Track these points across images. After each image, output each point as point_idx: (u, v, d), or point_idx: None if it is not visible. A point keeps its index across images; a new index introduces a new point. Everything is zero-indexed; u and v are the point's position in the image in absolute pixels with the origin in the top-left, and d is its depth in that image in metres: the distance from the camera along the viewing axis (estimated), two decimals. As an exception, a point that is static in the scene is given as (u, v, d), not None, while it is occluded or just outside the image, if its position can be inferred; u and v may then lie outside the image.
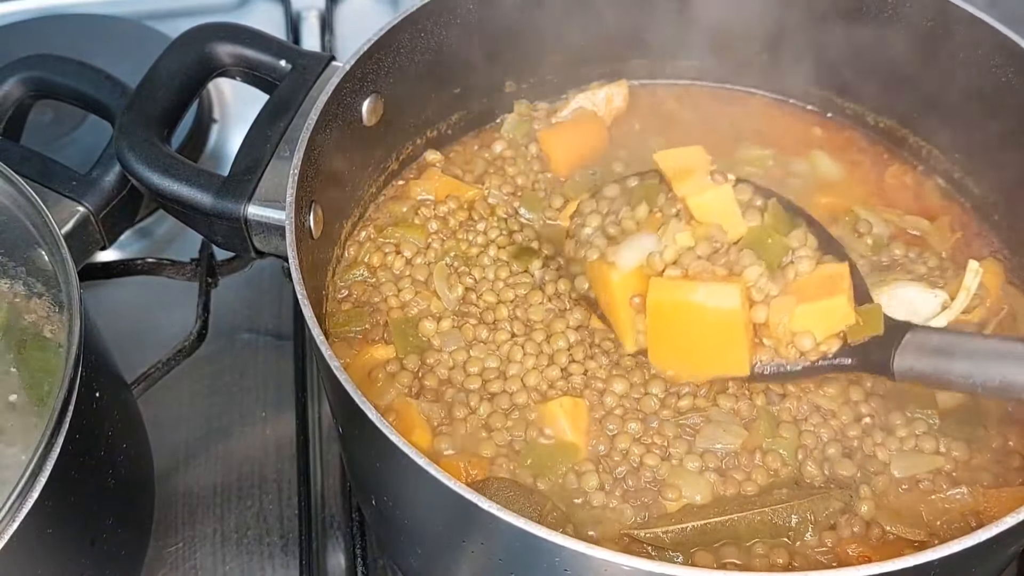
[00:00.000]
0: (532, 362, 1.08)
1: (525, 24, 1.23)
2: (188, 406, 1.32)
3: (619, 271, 1.05)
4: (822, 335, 1.02)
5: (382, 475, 0.98)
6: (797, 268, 1.03)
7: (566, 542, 0.81)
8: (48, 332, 0.96)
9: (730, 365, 1.04)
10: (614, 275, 1.05)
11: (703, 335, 1.03)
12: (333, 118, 1.09)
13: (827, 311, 1.02)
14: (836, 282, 1.03)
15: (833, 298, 1.02)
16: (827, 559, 0.97)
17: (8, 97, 1.20)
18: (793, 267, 1.03)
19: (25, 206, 1.01)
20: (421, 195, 1.22)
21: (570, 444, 1.03)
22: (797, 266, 1.03)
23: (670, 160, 1.09)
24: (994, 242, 1.20)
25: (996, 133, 1.16)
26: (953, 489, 1.01)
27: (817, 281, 1.03)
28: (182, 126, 1.21)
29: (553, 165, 1.25)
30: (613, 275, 1.05)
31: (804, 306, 1.02)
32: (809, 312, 1.02)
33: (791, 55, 1.26)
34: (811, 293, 1.02)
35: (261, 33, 1.19)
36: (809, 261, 1.04)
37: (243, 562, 1.21)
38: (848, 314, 1.02)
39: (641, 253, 1.05)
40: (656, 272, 1.04)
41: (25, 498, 0.87)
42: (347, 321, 1.12)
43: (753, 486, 1.01)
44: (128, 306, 1.36)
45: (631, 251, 1.05)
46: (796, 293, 1.02)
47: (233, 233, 1.09)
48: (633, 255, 1.05)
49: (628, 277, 1.04)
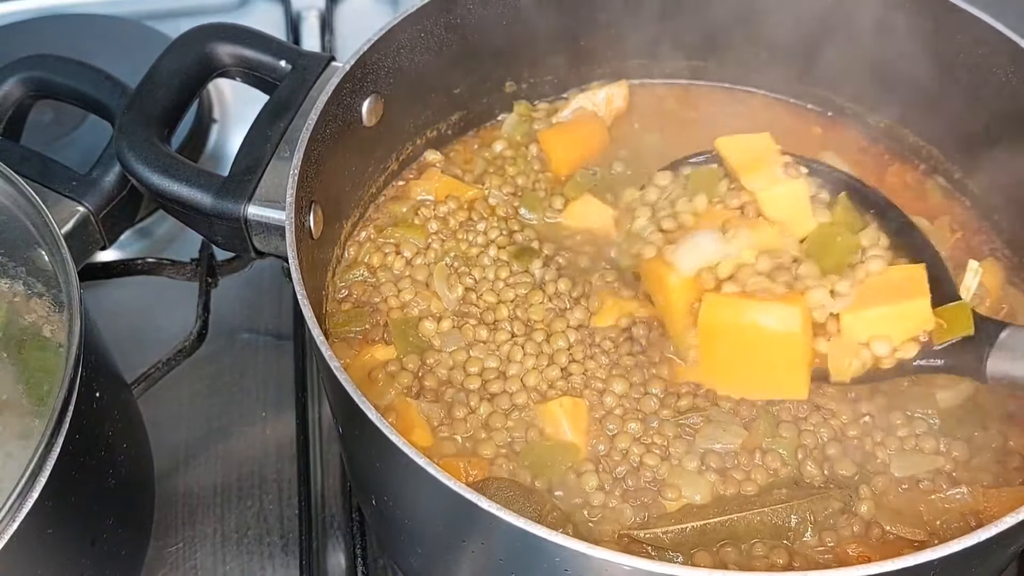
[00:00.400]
0: (532, 362, 1.08)
1: (525, 24, 1.23)
2: (188, 406, 1.32)
3: (679, 274, 0.98)
4: (899, 340, 0.97)
5: (382, 475, 0.98)
6: (868, 268, 0.99)
7: (566, 542, 0.81)
8: (48, 332, 0.96)
9: (787, 388, 1.00)
10: (673, 278, 0.98)
11: (759, 358, 0.98)
12: (333, 118, 1.09)
13: (903, 315, 0.97)
14: (913, 284, 0.98)
15: (911, 301, 0.97)
16: (827, 559, 0.97)
17: (8, 97, 1.20)
18: (864, 267, 0.99)
19: (25, 206, 1.01)
20: (421, 195, 1.22)
21: (570, 444, 1.03)
22: (868, 266, 0.99)
23: (735, 148, 1.03)
24: (994, 242, 1.20)
25: (996, 133, 1.16)
26: (953, 489, 1.01)
27: (891, 282, 0.99)
28: (182, 126, 1.20)
29: (553, 165, 1.25)
30: (672, 279, 0.98)
31: (878, 309, 0.97)
32: (883, 316, 0.97)
33: (791, 54, 1.26)
34: (885, 295, 0.97)
35: (261, 33, 1.19)
36: (880, 261, 0.99)
37: (243, 562, 1.21)
38: (927, 318, 0.97)
39: (702, 256, 0.98)
40: (711, 287, 0.97)
41: (25, 498, 0.87)
42: (347, 321, 1.12)
43: (753, 486, 1.01)
44: (128, 306, 1.36)
45: (691, 253, 0.99)
46: (869, 295, 0.97)
47: (233, 233, 1.09)
48: (694, 258, 0.98)
49: (689, 281, 0.98)
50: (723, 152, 1.03)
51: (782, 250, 0.99)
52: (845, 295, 0.98)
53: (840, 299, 0.98)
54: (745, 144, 1.03)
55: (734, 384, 1.01)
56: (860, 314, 0.98)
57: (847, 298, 0.98)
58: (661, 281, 0.99)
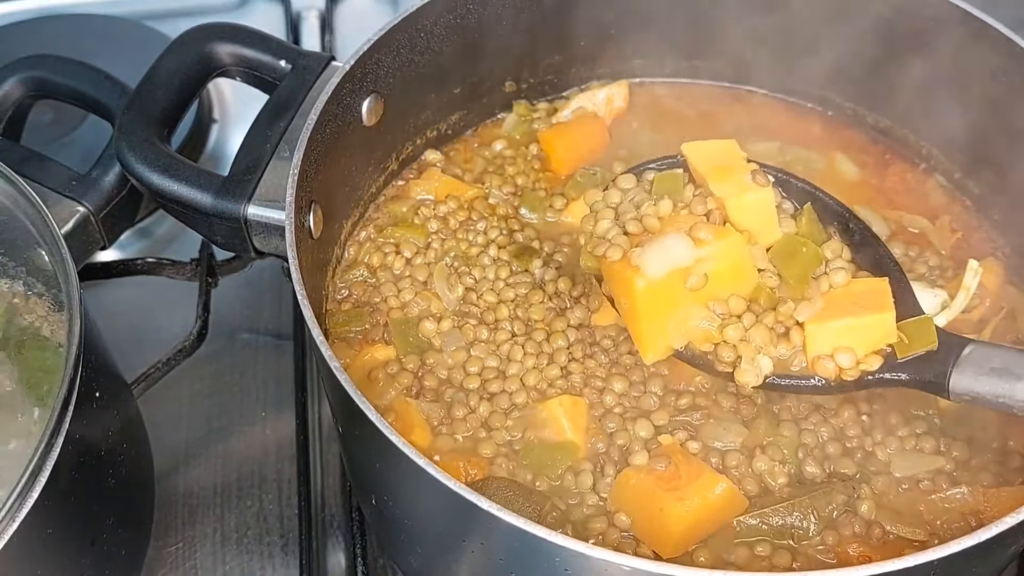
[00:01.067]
0: (532, 362, 1.08)
1: (525, 24, 1.23)
2: (188, 406, 1.32)
3: (645, 278, 0.96)
4: (862, 352, 0.97)
5: (382, 475, 0.98)
6: (832, 280, 0.98)
7: (566, 542, 0.81)
8: (48, 332, 0.96)
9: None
10: (639, 282, 0.96)
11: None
12: (333, 118, 1.09)
13: (867, 328, 0.96)
14: (877, 296, 0.97)
15: (875, 314, 0.96)
16: (827, 559, 0.97)
17: (8, 97, 1.20)
18: (827, 278, 0.99)
19: (25, 206, 1.01)
20: (421, 195, 1.22)
21: (569, 443, 1.03)
22: (832, 278, 0.98)
23: (701, 153, 1.02)
24: (994, 241, 1.20)
25: (996, 132, 1.16)
26: (953, 489, 1.00)
27: (855, 295, 0.98)
28: (182, 126, 1.20)
29: (553, 165, 1.25)
30: (638, 282, 0.96)
31: (843, 321, 0.96)
32: (848, 328, 0.96)
33: (791, 53, 1.26)
34: (849, 308, 0.97)
35: (261, 33, 1.19)
36: (844, 273, 0.99)
37: (243, 562, 1.21)
38: (891, 331, 0.96)
39: (670, 259, 0.96)
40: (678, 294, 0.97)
41: (25, 498, 0.87)
42: (347, 321, 1.12)
43: (754, 485, 1.01)
44: (128, 306, 1.36)
45: (659, 256, 0.96)
46: (833, 307, 0.97)
47: (233, 233, 1.09)
48: (661, 261, 0.96)
49: (655, 285, 0.96)
50: (690, 158, 1.02)
51: (748, 260, 0.99)
52: (812, 304, 0.98)
53: (806, 308, 0.98)
54: (712, 150, 1.03)
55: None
56: (825, 325, 0.97)
57: (813, 307, 0.98)
58: (626, 284, 0.98)
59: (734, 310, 0.99)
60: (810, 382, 0.99)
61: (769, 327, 0.99)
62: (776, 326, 0.99)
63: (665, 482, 0.97)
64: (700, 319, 0.99)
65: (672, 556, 0.96)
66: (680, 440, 1.02)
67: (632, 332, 1.02)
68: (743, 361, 0.99)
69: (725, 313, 0.99)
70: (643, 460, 1.00)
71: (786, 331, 0.99)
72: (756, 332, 0.98)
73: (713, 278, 0.97)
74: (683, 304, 0.98)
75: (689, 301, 0.98)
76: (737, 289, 0.99)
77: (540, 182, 1.24)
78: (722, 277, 0.98)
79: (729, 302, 0.98)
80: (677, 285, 0.97)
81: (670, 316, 0.99)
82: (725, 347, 0.99)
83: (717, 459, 1.02)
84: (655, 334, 0.99)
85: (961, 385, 0.94)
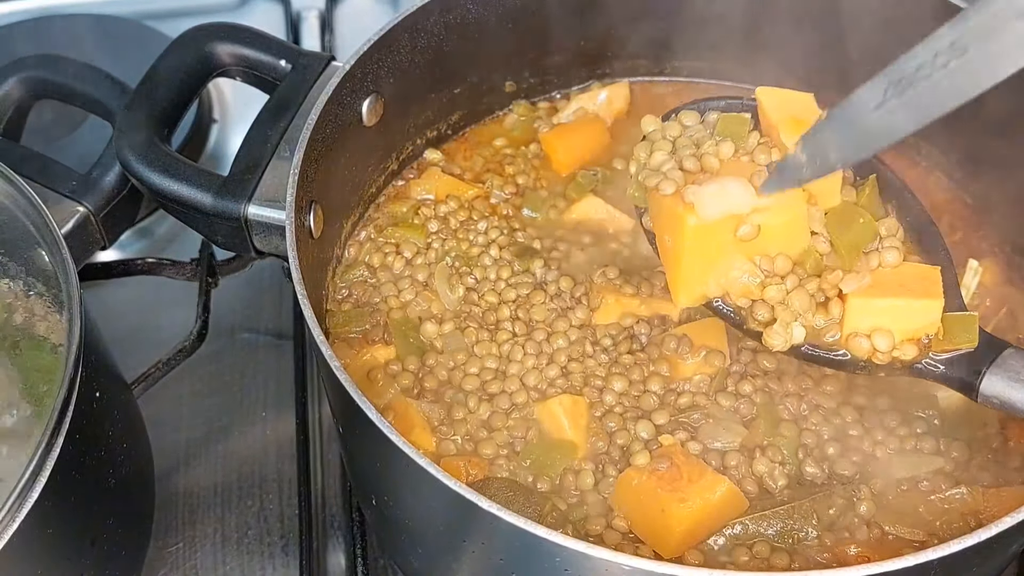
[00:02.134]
0: (532, 362, 1.08)
1: (525, 24, 1.23)
2: (188, 406, 1.32)
3: (697, 217, 0.92)
4: (901, 337, 0.94)
5: (382, 475, 0.98)
6: (883, 258, 0.96)
7: (567, 542, 0.81)
8: (48, 332, 0.96)
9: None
10: (691, 219, 0.92)
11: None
12: (333, 118, 1.09)
13: (912, 312, 0.94)
14: (927, 283, 0.95)
15: (923, 300, 0.93)
16: (826, 559, 0.97)
17: (8, 97, 1.20)
18: (878, 255, 0.96)
19: (25, 206, 1.01)
20: (421, 195, 1.22)
21: (569, 442, 1.03)
22: (884, 256, 0.96)
23: (776, 100, 0.97)
24: (994, 241, 1.20)
25: (997, 132, 1.15)
26: (953, 489, 1.00)
27: (904, 277, 0.95)
28: (182, 126, 1.21)
29: (554, 165, 1.25)
30: (689, 219, 0.92)
31: (889, 301, 0.94)
32: (892, 308, 0.94)
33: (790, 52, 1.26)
34: (896, 289, 0.94)
35: (261, 33, 1.19)
36: (896, 253, 0.96)
37: (243, 562, 1.21)
38: (935, 321, 0.94)
39: (728, 203, 0.92)
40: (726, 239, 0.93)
41: (25, 498, 0.87)
42: (347, 321, 1.12)
43: (753, 485, 1.01)
44: (128, 306, 1.36)
45: (716, 197, 0.92)
46: (879, 285, 0.94)
47: (233, 233, 1.09)
48: (718, 203, 0.92)
49: (705, 227, 0.92)
50: (763, 102, 0.98)
51: (804, 220, 0.95)
52: (860, 277, 0.95)
53: (853, 280, 0.95)
54: (788, 99, 0.98)
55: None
56: (870, 301, 0.94)
57: (861, 280, 0.95)
58: (676, 221, 0.94)
59: (779, 269, 0.96)
60: (836, 355, 0.96)
61: (811, 294, 0.96)
62: (817, 294, 0.96)
63: (667, 483, 0.97)
64: (742, 272, 0.96)
65: (673, 556, 0.96)
66: (680, 440, 1.02)
67: (669, 273, 0.99)
68: (777, 323, 0.96)
69: (769, 271, 0.96)
70: (645, 460, 0.99)
71: (826, 301, 0.96)
72: (797, 296, 0.95)
73: (765, 232, 0.94)
74: (729, 253, 0.95)
75: (736, 251, 0.95)
76: (787, 248, 0.96)
77: (541, 180, 1.24)
78: (774, 233, 0.95)
79: (776, 260, 0.96)
80: (727, 232, 0.93)
81: (714, 262, 0.95)
82: (762, 305, 0.96)
83: (717, 459, 1.02)
84: (694, 278, 0.96)
85: (992, 389, 0.92)
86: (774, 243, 0.96)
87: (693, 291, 0.98)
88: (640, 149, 1.03)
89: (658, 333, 1.09)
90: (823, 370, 1.07)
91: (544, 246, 1.18)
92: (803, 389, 1.06)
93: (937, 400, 1.06)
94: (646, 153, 1.02)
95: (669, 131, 1.02)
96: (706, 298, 0.99)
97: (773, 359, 1.07)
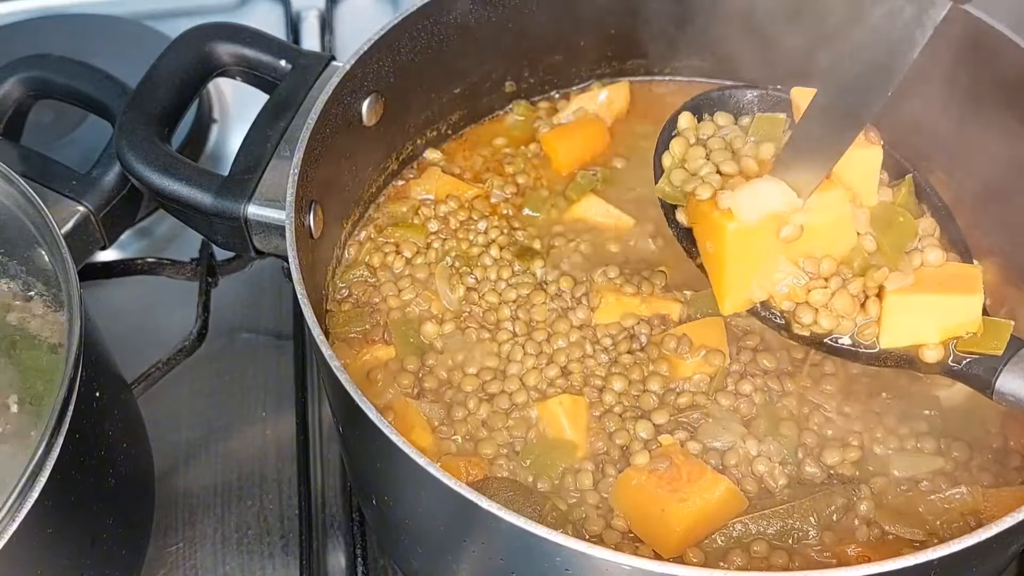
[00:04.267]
0: (532, 362, 1.08)
1: (525, 24, 1.23)
2: (188, 406, 1.32)
3: (737, 221, 0.92)
4: (941, 336, 0.94)
5: (382, 475, 0.98)
6: (925, 256, 0.96)
7: (567, 542, 0.81)
8: (47, 332, 0.96)
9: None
10: (730, 225, 0.92)
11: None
12: (333, 118, 1.09)
13: (952, 308, 0.93)
14: (967, 281, 0.94)
15: (961, 296, 0.93)
16: (826, 559, 0.97)
17: (8, 97, 1.20)
18: (920, 254, 0.96)
19: (25, 206, 1.01)
20: (421, 195, 1.22)
21: (569, 442, 1.03)
22: (925, 255, 0.96)
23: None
24: (994, 241, 1.20)
25: (997, 131, 1.15)
26: (953, 489, 1.00)
27: (944, 276, 0.95)
28: (182, 126, 1.21)
29: (554, 165, 1.25)
30: (729, 225, 0.92)
31: (926, 297, 0.93)
32: (930, 305, 0.93)
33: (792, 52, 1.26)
34: (934, 286, 0.94)
35: (261, 33, 1.19)
36: (939, 252, 0.96)
37: (243, 562, 1.21)
38: (975, 318, 0.93)
39: (765, 205, 0.91)
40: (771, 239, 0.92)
41: (25, 498, 0.87)
42: (347, 321, 1.12)
43: (753, 485, 1.01)
44: (128, 306, 1.36)
45: (751, 200, 0.92)
46: (921, 282, 0.94)
47: (233, 233, 1.09)
48: (755, 205, 0.91)
49: (746, 230, 0.92)
50: (798, 102, 0.97)
51: (848, 220, 0.94)
52: (904, 276, 0.94)
53: (899, 278, 0.94)
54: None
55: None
56: (908, 298, 0.94)
57: (905, 279, 0.95)
58: (715, 226, 0.94)
59: (824, 271, 0.96)
60: (863, 349, 0.97)
61: (853, 295, 0.96)
62: (859, 295, 0.96)
63: (666, 482, 0.97)
64: (787, 274, 0.96)
65: (673, 556, 0.96)
66: (680, 440, 1.02)
67: (713, 279, 0.99)
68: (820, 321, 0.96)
69: (814, 272, 0.96)
70: (645, 460, 1.00)
71: (865, 299, 0.97)
72: (840, 299, 0.95)
73: (809, 233, 0.94)
74: (772, 255, 0.95)
75: (779, 253, 0.95)
76: (832, 249, 0.95)
77: (541, 180, 1.24)
78: (819, 233, 0.94)
79: (822, 263, 0.95)
80: (770, 234, 0.93)
81: (757, 266, 0.95)
82: (806, 308, 0.96)
83: (716, 459, 1.02)
84: (738, 283, 0.96)
85: (1008, 386, 0.93)
86: (819, 244, 0.96)
87: (738, 296, 0.98)
88: (675, 144, 1.02)
89: (658, 333, 1.09)
90: (823, 369, 1.07)
91: (544, 245, 1.18)
92: (803, 389, 1.06)
93: (938, 400, 1.06)
94: (681, 150, 1.02)
95: (703, 130, 1.02)
96: (751, 303, 0.99)
97: (773, 359, 1.07)
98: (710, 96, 1.07)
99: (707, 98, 1.08)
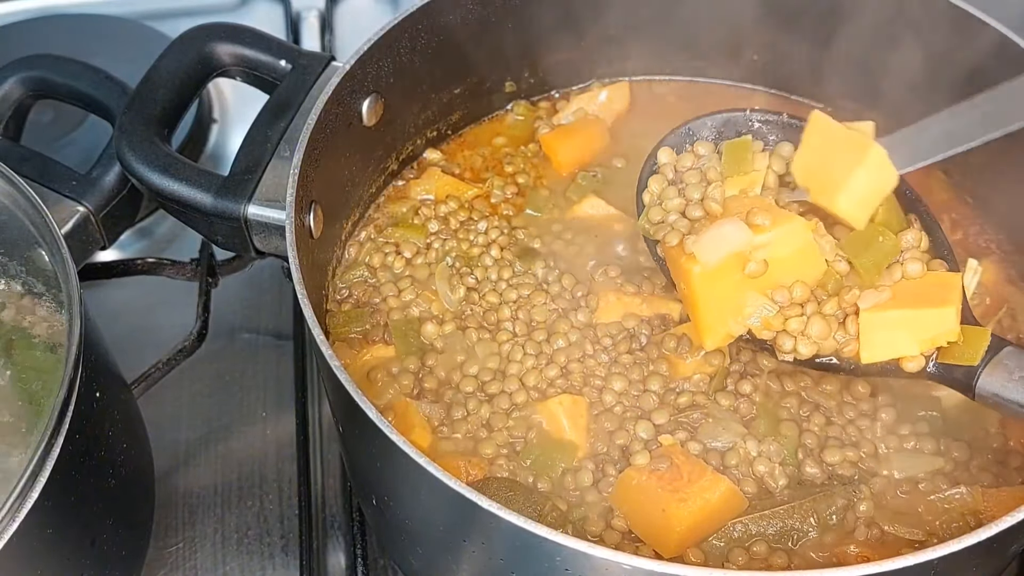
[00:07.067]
0: (532, 362, 1.08)
1: (525, 24, 1.23)
2: (188, 406, 1.32)
3: (700, 264, 0.96)
4: (917, 348, 0.95)
5: (382, 475, 0.98)
6: (905, 269, 0.97)
7: (567, 541, 0.81)
8: (47, 332, 0.96)
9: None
10: (695, 268, 0.96)
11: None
12: (333, 118, 1.09)
13: (926, 321, 0.94)
14: (944, 291, 0.95)
15: (934, 308, 0.94)
16: (826, 559, 0.97)
17: (8, 97, 1.20)
18: (900, 267, 0.97)
19: (25, 206, 1.01)
20: (421, 195, 1.22)
21: (569, 442, 1.03)
22: (905, 267, 0.97)
23: (819, 140, 1.00)
24: (994, 240, 1.20)
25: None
26: (953, 489, 1.00)
27: (922, 287, 0.96)
28: (182, 126, 1.20)
29: (555, 166, 1.25)
30: (694, 268, 0.96)
31: (898, 313, 0.95)
32: (903, 320, 0.94)
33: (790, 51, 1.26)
34: (909, 300, 0.95)
35: (261, 33, 1.19)
36: (919, 265, 0.97)
37: (243, 562, 1.21)
38: (953, 330, 0.94)
39: (726, 246, 0.95)
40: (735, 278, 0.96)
41: (25, 498, 0.87)
42: (347, 321, 1.12)
43: (752, 485, 1.01)
44: (128, 306, 1.36)
45: (713, 242, 0.95)
46: (896, 297, 0.95)
47: (233, 233, 1.09)
48: (716, 247, 0.95)
49: (711, 272, 0.96)
50: (815, 126, 1.01)
51: (813, 247, 0.96)
52: (878, 294, 0.96)
53: (871, 296, 0.96)
54: (831, 139, 1.01)
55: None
56: (881, 315, 0.95)
57: (879, 297, 0.96)
58: (683, 270, 0.98)
59: (798, 298, 0.97)
60: (841, 363, 0.99)
61: (829, 315, 0.97)
62: (837, 313, 0.98)
63: (667, 482, 0.97)
64: (758, 307, 0.98)
65: (673, 556, 0.96)
66: (680, 440, 1.02)
67: (691, 317, 1.02)
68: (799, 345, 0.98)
69: (785, 301, 0.98)
70: (645, 460, 1.00)
71: (844, 318, 0.98)
72: (814, 326, 0.97)
73: (775, 265, 0.96)
74: (742, 291, 0.97)
75: (749, 288, 0.97)
76: (802, 276, 0.97)
77: (542, 179, 1.24)
78: (784, 264, 0.96)
79: (794, 289, 0.97)
80: (734, 272, 0.96)
81: (729, 303, 0.98)
82: (784, 336, 0.98)
83: (716, 459, 1.02)
84: (714, 321, 0.99)
85: (988, 387, 0.93)
86: (788, 274, 0.98)
87: (717, 332, 1.00)
88: (653, 182, 1.06)
89: (658, 333, 1.09)
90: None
91: (544, 245, 1.18)
92: (803, 389, 1.06)
93: (939, 400, 1.06)
94: (659, 187, 1.05)
95: (682, 162, 1.05)
96: (731, 337, 1.01)
97: (773, 359, 1.07)
98: (702, 121, 1.10)
99: (693, 125, 1.10)
